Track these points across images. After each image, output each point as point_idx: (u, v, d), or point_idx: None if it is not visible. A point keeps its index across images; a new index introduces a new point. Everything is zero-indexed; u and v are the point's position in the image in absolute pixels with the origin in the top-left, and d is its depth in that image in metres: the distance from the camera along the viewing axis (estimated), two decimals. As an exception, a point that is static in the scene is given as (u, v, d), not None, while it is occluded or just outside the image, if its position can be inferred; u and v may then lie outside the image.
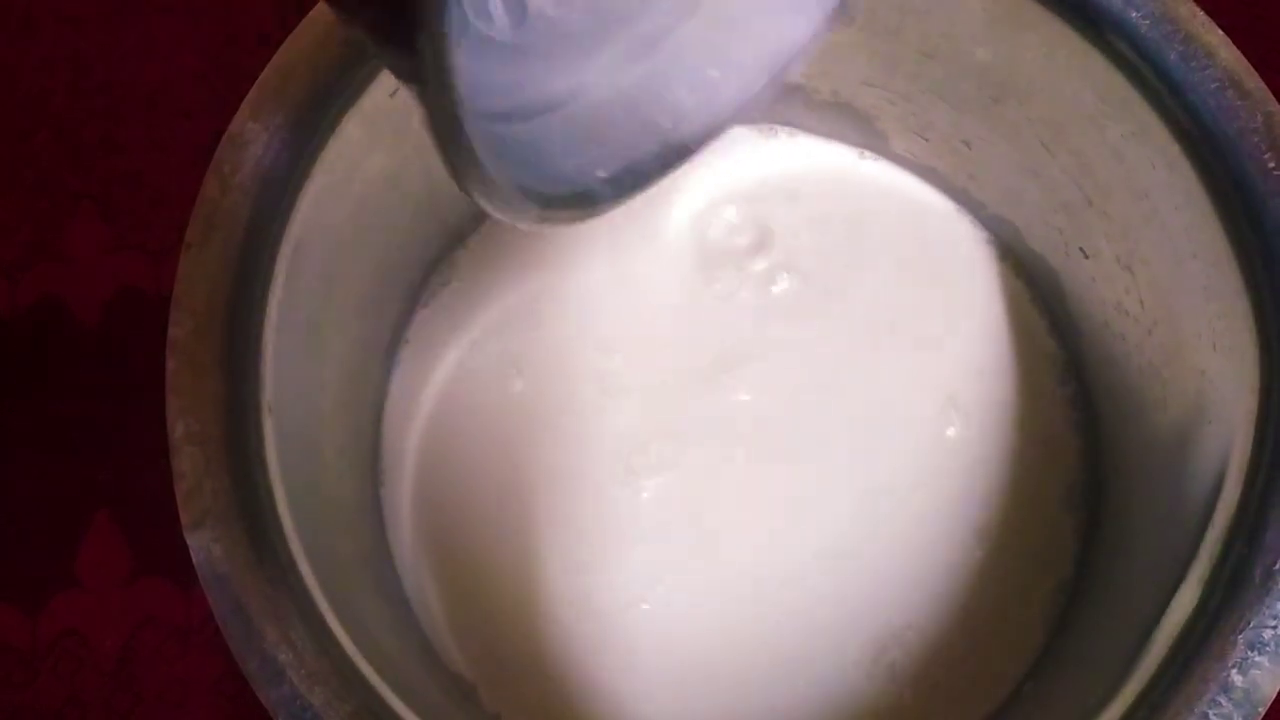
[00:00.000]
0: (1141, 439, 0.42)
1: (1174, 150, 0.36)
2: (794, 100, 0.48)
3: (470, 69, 0.22)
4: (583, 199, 0.28)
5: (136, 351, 0.50)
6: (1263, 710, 0.31)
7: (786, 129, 0.50)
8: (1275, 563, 0.32)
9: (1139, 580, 0.39)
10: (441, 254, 0.49)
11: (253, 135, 0.35)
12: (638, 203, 0.48)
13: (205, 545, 0.32)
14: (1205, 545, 0.33)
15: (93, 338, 0.51)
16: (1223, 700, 0.30)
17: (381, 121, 0.38)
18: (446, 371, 0.48)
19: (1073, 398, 0.47)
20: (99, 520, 0.49)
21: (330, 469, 0.40)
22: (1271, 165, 0.34)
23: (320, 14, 0.36)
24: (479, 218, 0.49)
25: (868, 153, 0.50)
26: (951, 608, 0.43)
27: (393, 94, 0.38)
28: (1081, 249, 0.44)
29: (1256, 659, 0.31)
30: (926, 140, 0.47)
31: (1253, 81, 0.34)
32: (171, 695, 0.48)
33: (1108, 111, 0.38)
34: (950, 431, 0.47)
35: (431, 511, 0.46)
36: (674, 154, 0.29)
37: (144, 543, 0.49)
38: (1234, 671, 0.30)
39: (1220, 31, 0.35)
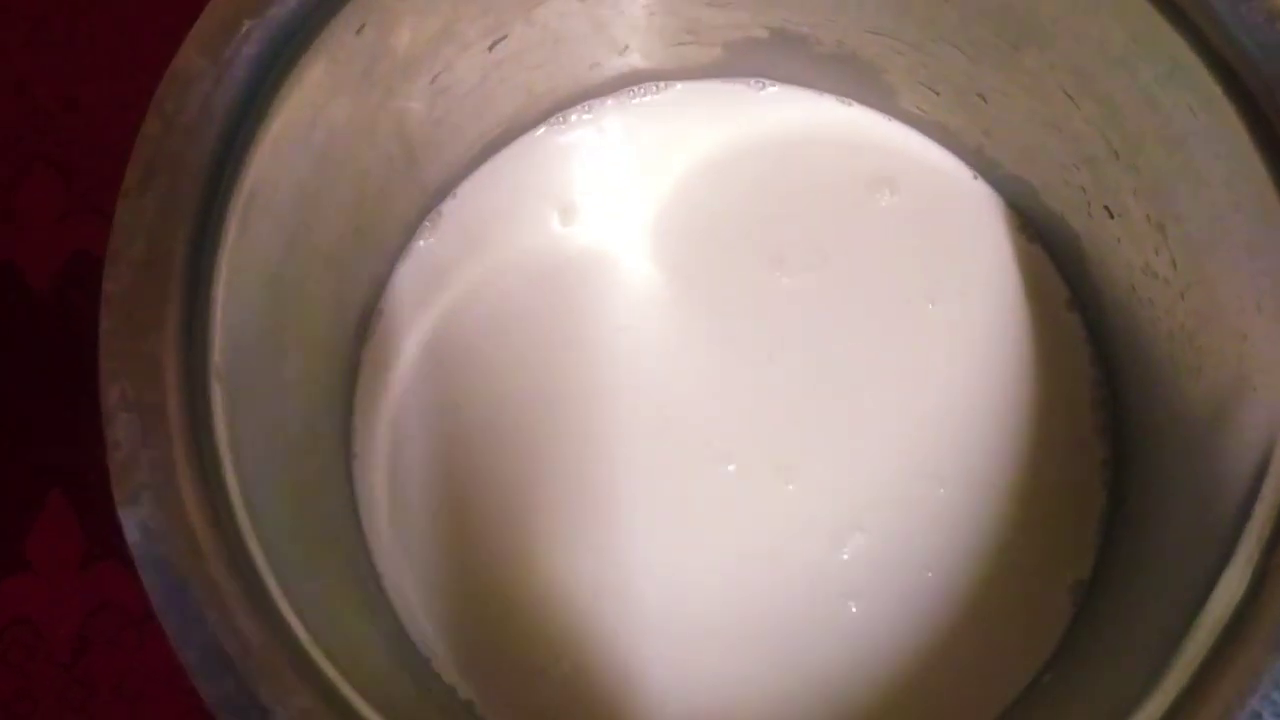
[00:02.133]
0: (1170, 412, 0.39)
1: (1214, 92, 0.33)
2: (795, 53, 0.45)
3: None
4: None
5: (91, 320, 0.46)
6: (1321, 705, 0.28)
7: (783, 84, 0.47)
8: (1335, 542, 0.29)
9: (1172, 565, 0.36)
10: (420, 215, 0.46)
11: (200, 72, 0.31)
12: (632, 159, 0.47)
13: (141, 522, 0.28)
14: (1252, 524, 0.30)
15: (45, 306, 0.48)
16: (1278, 696, 0.27)
17: (346, 63, 0.35)
18: (424, 340, 0.45)
19: (1094, 370, 0.43)
20: (52, 500, 0.46)
21: (293, 442, 0.37)
22: (1326, 106, 0.31)
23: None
24: (461, 175, 0.46)
25: (874, 110, 0.47)
26: (963, 593, 0.40)
27: (359, 31, 0.35)
28: (1106, 208, 0.41)
29: (1317, 649, 0.27)
30: (938, 94, 0.44)
31: (1306, 12, 0.31)
32: (129, 686, 0.45)
33: (1139, 52, 0.35)
34: (961, 407, 0.44)
35: (408, 488, 0.43)
36: None
37: (98, 524, 0.46)
38: (1290, 663, 0.27)
39: (1269, -42, 0.31)
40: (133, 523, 0.28)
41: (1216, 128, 0.33)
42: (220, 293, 0.32)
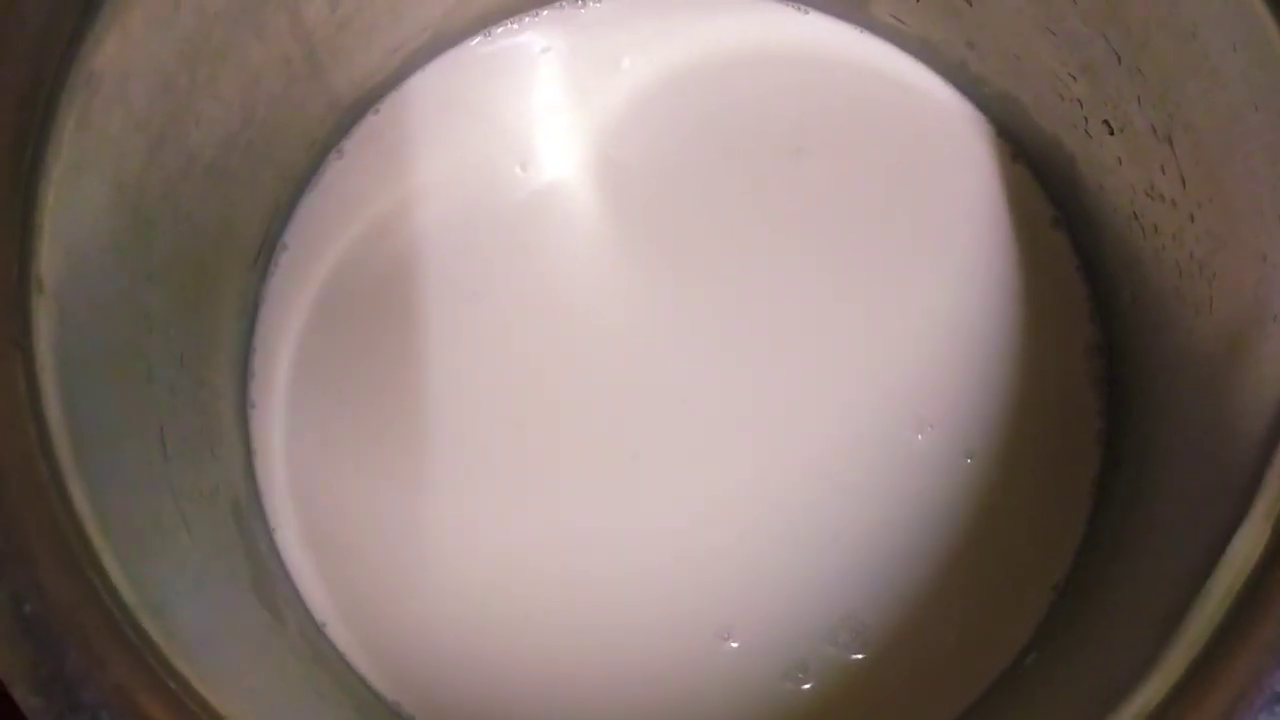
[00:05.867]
0: (1176, 353, 0.34)
1: (1232, -37, 0.27)
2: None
3: None
4: None
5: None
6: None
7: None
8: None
9: (1175, 525, 0.31)
10: (333, 133, 0.41)
11: (25, -74, 0.26)
12: (572, 76, 0.42)
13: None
14: (1273, 471, 0.25)
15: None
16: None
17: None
18: (334, 277, 0.40)
19: (1089, 310, 0.39)
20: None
21: (159, 380, 0.32)
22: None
23: None
24: (381, 90, 0.41)
25: (847, 24, 0.42)
26: (938, 563, 0.36)
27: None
28: (1106, 122, 0.36)
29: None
30: (918, 0, 0.39)
31: None
32: None
33: (1143, -74, 0.30)
34: (942, 353, 0.39)
35: (311, 441, 0.39)
36: None
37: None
38: (1323, 633, 0.22)
39: None
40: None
41: (1233, 10, 0.28)
42: (50, 192, 0.27)
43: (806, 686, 0.36)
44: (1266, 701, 0.23)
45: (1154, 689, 0.25)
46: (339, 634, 0.36)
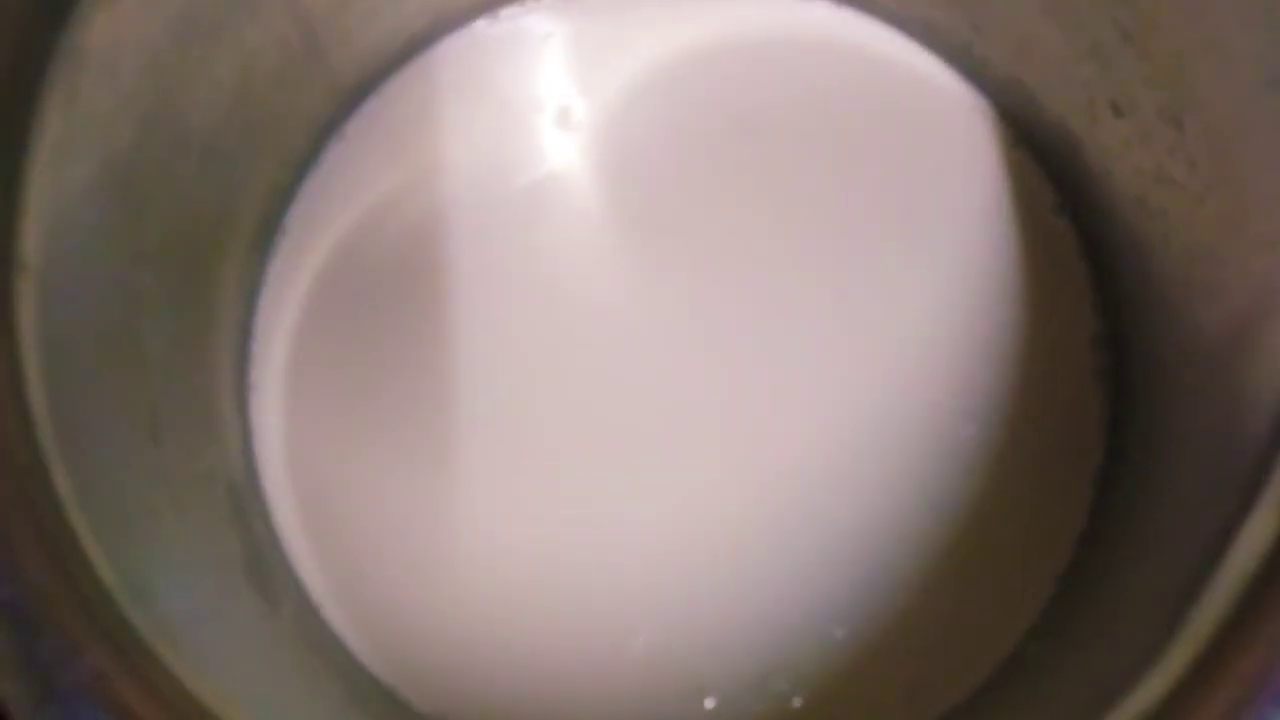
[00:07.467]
0: (1183, 342, 0.33)
1: (1244, -61, 0.27)
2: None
3: None
4: None
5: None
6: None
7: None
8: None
9: (1180, 516, 0.30)
10: (334, 116, 0.40)
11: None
12: (576, 63, 0.41)
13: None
14: (1281, 460, 0.24)
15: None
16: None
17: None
18: (334, 261, 0.40)
19: (1093, 299, 0.38)
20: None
21: (150, 363, 0.32)
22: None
23: None
24: (383, 73, 0.41)
25: (848, 8, 0.41)
26: (937, 553, 0.35)
27: None
28: (1113, 104, 0.35)
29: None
30: (923, -18, 0.38)
31: None
32: None
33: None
34: (941, 343, 0.38)
35: (311, 426, 0.38)
36: None
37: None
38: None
39: None
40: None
41: (1246, -13, 0.27)
42: (35, 171, 0.26)
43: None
44: (1274, 697, 0.23)
45: (1158, 684, 0.24)
46: (335, 617, 0.35)
